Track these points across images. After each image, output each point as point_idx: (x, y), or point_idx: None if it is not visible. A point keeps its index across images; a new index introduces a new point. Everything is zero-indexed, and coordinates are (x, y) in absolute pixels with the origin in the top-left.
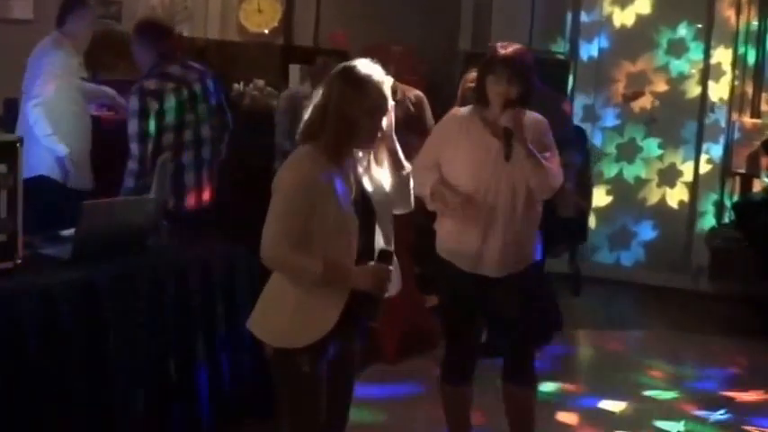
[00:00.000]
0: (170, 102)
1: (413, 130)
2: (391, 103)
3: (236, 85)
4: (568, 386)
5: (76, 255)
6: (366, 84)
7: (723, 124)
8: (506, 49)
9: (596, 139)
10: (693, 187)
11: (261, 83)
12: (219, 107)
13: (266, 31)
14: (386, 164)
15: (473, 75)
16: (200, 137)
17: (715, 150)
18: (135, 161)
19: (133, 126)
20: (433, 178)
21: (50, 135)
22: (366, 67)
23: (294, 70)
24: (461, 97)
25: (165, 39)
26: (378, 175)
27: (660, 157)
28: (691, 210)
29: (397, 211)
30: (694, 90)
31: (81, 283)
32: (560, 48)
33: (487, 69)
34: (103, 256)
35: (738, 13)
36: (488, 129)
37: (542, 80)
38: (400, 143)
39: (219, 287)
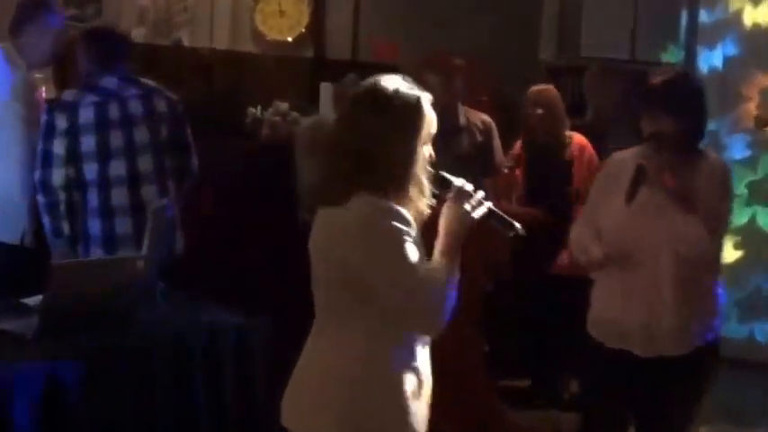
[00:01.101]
0: (87, 118)
1: (480, 165)
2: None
3: (251, 110)
4: None
5: (43, 331)
6: (400, 103)
7: None
8: (663, 75)
9: None
10: None
11: (284, 106)
12: (176, 141)
13: (290, 40)
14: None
15: (538, 87)
16: (136, 172)
17: None
18: (40, 192)
19: (39, 147)
20: (587, 238)
21: None
22: (394, 82)
23: (326, 90)
24: (528, 111)
25: (104, 45)
26: None
27: None
28: None
29: None
30: None
31: (46, 372)
32: (672, 56)
33: (642, 101)
34: (78, 333)
35: None
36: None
37: None
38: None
39: (230, 370)
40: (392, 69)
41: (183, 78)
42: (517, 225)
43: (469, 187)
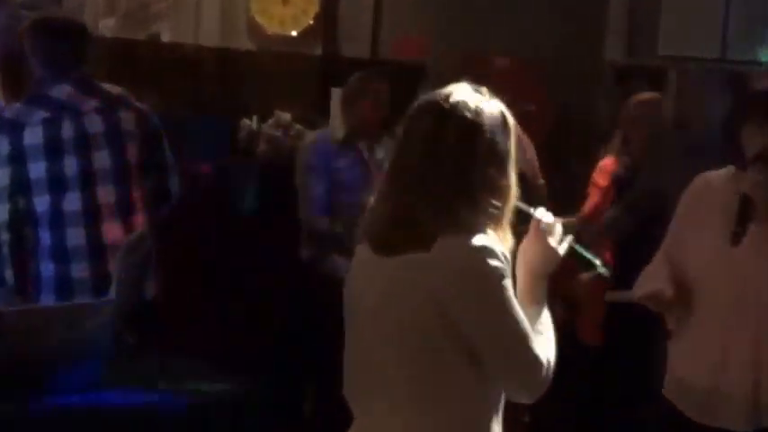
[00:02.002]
0: (34, 139)
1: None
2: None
3: (245, 121)
4: None
5: None
6: (489, 119)
7: None
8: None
9: None
10: None
11: (286, 117)
12: (150, 163)
13: (294, 34)
14: None
15: (643, 97)
16: (95, 205)
17: None
18: None
19: None
20: (659, 275)
21: None
22: (466, 93)
23: (339, 96)
24: (623, 132)
25: (55, 41)
26: None
27: None
28: None
29: None
30: None
31: None
32: None
33: (746, 113)
34: (26, 397)
35: None
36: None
37: None
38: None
39: None
40: (419, 69)
41: (162, 83)
42: (599, 263)
43: (550, 218)
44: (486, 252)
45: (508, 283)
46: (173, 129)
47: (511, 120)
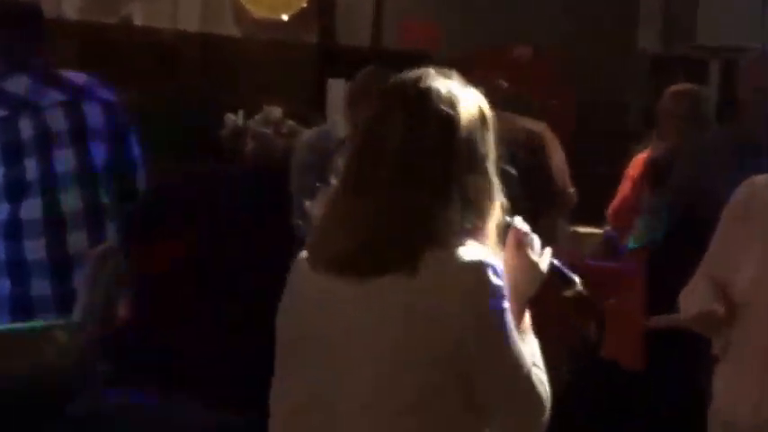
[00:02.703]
0: None
1: (531, 194)
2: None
3: (229, 116)
4: None
5: None
6: (468, 110)
7: None
8: None
9: None
10: None
11: (276, 112)
12: (117, 160)
13: (286, 19)
14: None
15: (679, 88)
16: (59, 213)
17: None
18: None
19: None
20: (704, 295)
21: None
22: (442, 81)
23: (337, 88)
24: (662, 125)
25: (7, 27)
26: None
27: None
28: None
29: None
30: None
31: None
32: None
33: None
34: None
35: None
36: None
37: None
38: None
39: None
40: (427, 60)
41: (135, 71)
42: (577, 280)
43: (527, 228)
44: (486, 267)
45: (508, 305)
46: (146, 125)
47: (489, 112)
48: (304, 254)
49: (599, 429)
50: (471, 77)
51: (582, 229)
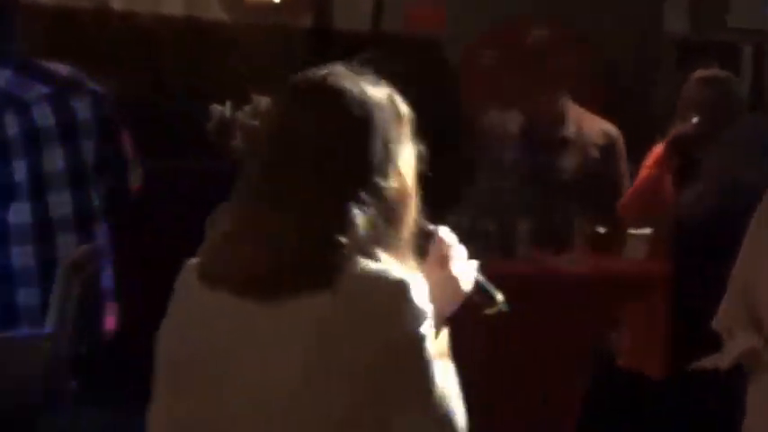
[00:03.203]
0: None
1: (596, 199)
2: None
3: (216, 107)
4: None
5: None
6: (387, 110)
7: None
8: None
9: None
10: None
11: (266, 102)
12: (107, 156)
13: (278, 1)
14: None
15: (707, 74)
16: (46, 216)
17: None
18: None
19: None
20: (740, 317)
21: None
22: (349, 77)
23: None
24: (682, 113)
25: None
26: None
27: None
28: None
29: None
30: None
31: None
32: None
33: None
34: None
35: None
36: None
37: None
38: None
39: None
40: (434, 45)
41: (113, 61)
42: (500, 297)
43: (454, 238)
44: (408, 287)
45: (431, 331)
46: (127, 117)
47: (404, 108)
48: (192, 267)
49: None
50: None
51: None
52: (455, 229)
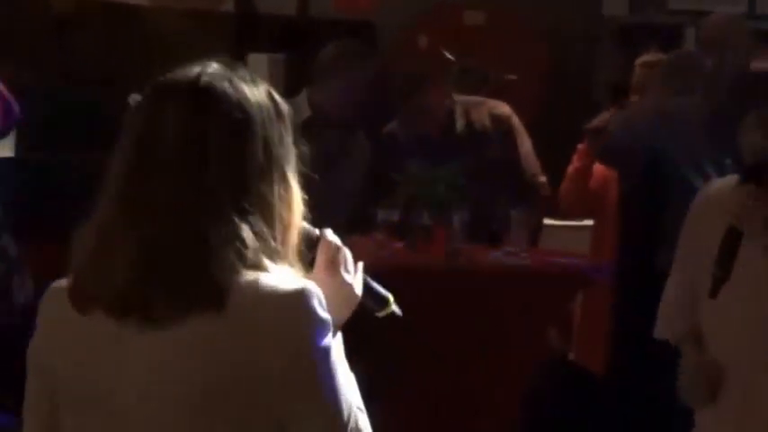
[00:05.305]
0: None
1: (500, 188)
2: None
3: (134, 97)
4: None
5: None
6: (263, 106)
7: None
8: None
9: None
10: None
11: None
12: None
13: None
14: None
15: (639, 62)
16: None
17: None
18: None
19: None
20: (681, 316)
21: None
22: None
23: (259, 65)
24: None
25: None
26: None
27: None
28: None
29: None
30: None
31: None
32: None
33: (743, 104)
34: None
35: None
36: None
37: None
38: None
39: None
40: (366, 30)
41: (22, 47)
42: (391, 299)
43: (338, 240)
44: (308, 297)
45: (333, 342)
46: (39, 106)
47: (284, 106)
48: (60, 288)
49: None
50: (415, 49)
51: (555, 222)
52: (386, 223)
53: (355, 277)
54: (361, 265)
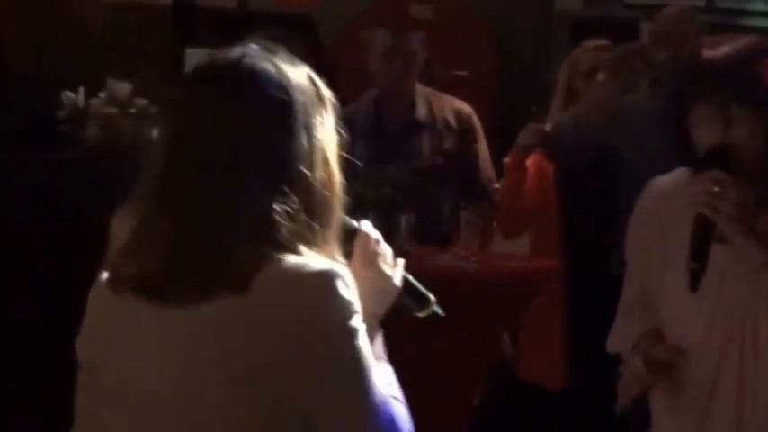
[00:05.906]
0: None
1: (454, 187)
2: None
3: (67, 95)
4: None
5: None
6: (307, 92)
7: None
8: (718, 49)
9: None
10: None
11: (124, 89)
12: None
13: None
14: None
15: (590, 46)
16: None
17: None
18: None
19: None
20: (637, 323)
21: None
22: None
23: (196, 60)
24: (565, 95)
25: None
26: None
27: None
28: None
29: None
30: None
31: None
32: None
33: (691, 94)
34: None
35: None
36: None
37: None
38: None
39: None
40: (304, 24)
41: None
42: (433, 299)
43: (378, 235)
44: (333, 277)
45: (361, 325)
46: None
47: (326, 91)
48: (104, 275)
49: None
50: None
51: None
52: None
53: (395, 271)
54: (401, 261)
